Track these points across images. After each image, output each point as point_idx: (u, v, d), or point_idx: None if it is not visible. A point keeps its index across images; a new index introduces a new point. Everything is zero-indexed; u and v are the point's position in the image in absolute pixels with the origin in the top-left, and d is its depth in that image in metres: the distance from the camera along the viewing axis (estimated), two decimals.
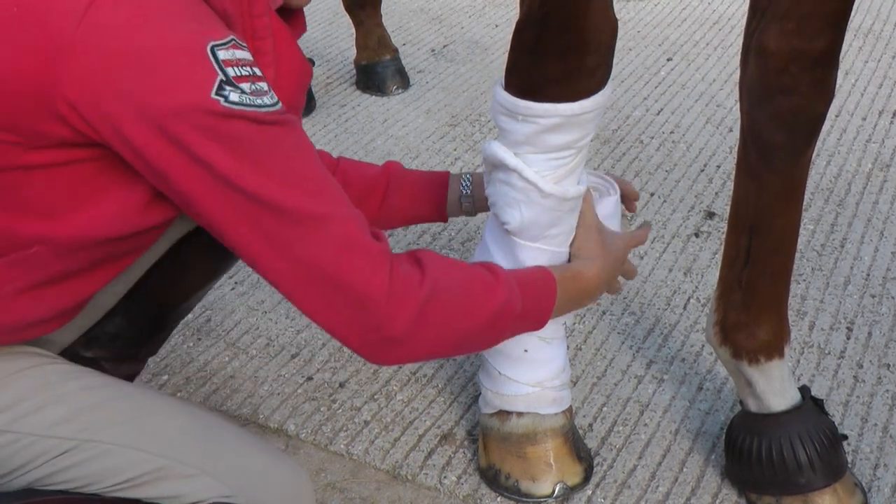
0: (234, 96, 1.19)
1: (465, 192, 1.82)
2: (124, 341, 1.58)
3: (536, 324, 1.51)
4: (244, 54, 1.23)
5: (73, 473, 1.32)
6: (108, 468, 1.32)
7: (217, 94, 1.18)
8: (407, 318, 1.30)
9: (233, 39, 1.22)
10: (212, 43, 1.19)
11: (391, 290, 1.28)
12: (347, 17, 3.59)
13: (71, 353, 1.53)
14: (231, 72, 1.20)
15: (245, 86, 1.21)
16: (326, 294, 1.28)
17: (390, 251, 1.32)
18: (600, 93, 1.59)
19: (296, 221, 1.24)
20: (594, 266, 1.62)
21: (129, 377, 1.66)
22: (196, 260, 1.56)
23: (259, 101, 1.22)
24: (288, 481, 1.45)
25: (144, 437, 1.35)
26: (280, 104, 1.26)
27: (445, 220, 1.88)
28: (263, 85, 1.24)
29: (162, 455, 1.34)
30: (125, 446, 1.33)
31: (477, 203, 1.83)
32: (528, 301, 1.46)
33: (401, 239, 2.61)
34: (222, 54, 1.20)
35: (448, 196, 1.83)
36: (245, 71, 1.21)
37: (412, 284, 1.31)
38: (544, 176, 1.62)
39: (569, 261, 1.67)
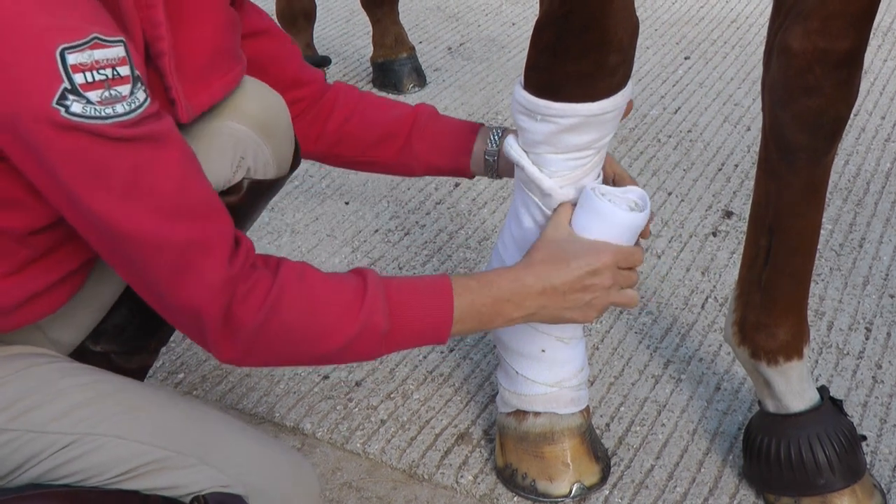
0: (76, 107, 1.15)
1: (491, 146, 1.72)
2: (132, 333, 1.59)
3: (429, 340, 1.41)
4: (106, 53, 1.18)
5: (74, 467, 1.33)
6: (107, 460, 1.33)
7: (58, 103, 1.14)
8: (237, 350, 1.32)
9: (94, 38, 1.16)
10: (63, 45, 1.14)
11: (226, 321, 1.28)
12: (364, 14, 3.59)
13: (80, 349, 1.54)
14: (79, 78, 1.15)
15: (94, 94, 1.16)
16: (169, 311, 1.32)
17: (241, 272, 1.28)
18: (620, 93, 1.58)
19: (135, 242, 1.23)
20: (523, 275, 1.45)
21: (142, 369, 1.67)
22: None
23: (107, 112, 1.17)
24: (288, 470, 1.45)
25: (142, 429, 1.35)
26: (144, 105, 1.20)
27: (469, 177, 1.78)
28: (122, 89, 1.18)
29: (160, 446, 1.35)
30: (124, 438, 1.34)
31: (501, 163, 1.72)
32: (405, 321, 1.37)
33: (417, 237, 2.61)
34: (74, 58, 1.15)
35: (474, 149, 1.74)
36: (101, 75, 1.17)
37: (248, 319, 1.29)
38: (563, 176, 1.62)
39: None
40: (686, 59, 3.62)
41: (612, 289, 1.50)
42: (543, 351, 1.76)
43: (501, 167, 1.74)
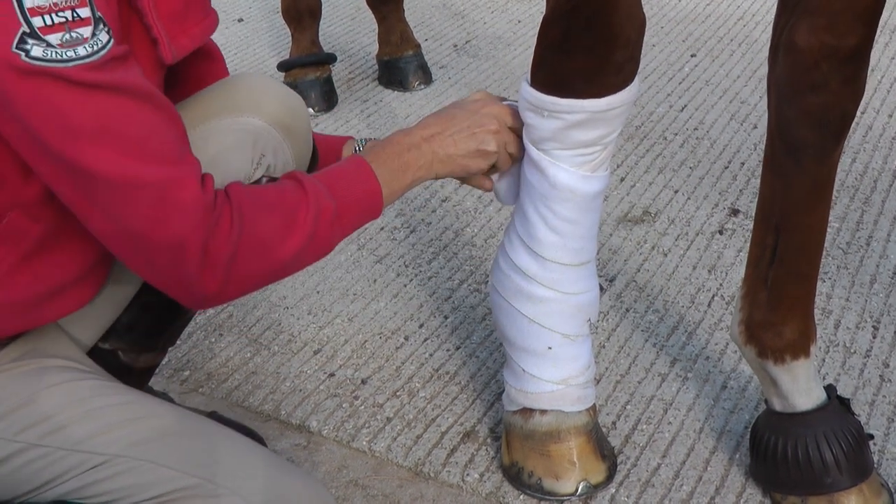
0: (36, 51, 1.15)
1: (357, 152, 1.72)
2: (141, 331, 1.58)
3: (369, 211, 1.45)
4: None
5: (103, 488, 1.32)
6: (137, 484, 1.32)
7: (18, 47, 1.14)
8: (217, 280, 1.30)
9: None
10: None
11: (205, 254, 1.27)
12: (370, 12, 3.59)
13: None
14: (38, 21, 1.15)
15: (54, 37, 1.16)
16: (149, 253, 1.28)
17: (213, 201, 1.28)
18: (627, 89, 1.58)
19: (108, 183, 1.22)
20: (419, 128, 1.54)
21: (149, 368, 1.67)
22: None
23: (69, 55, 1.16)
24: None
25: (175, 455, 1.34)
26: (107, 47, 1.20)
27: None
28: (83, 31, 1.18)
29: (192, 474, 1.33)
30: (156, 463, 1.32)
31: None
32: (345, 196, 1.41)
33: (423, 235, 2.60)
34: (31, 1, 1.15)
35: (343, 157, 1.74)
36: (60, 17, 1.16)
37: (223, 246, 1.28)
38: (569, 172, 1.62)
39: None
40: (692, 56, 3.62)
41: (498, 135, 1.59)
42: (550, 348, 1.76)
43: None
